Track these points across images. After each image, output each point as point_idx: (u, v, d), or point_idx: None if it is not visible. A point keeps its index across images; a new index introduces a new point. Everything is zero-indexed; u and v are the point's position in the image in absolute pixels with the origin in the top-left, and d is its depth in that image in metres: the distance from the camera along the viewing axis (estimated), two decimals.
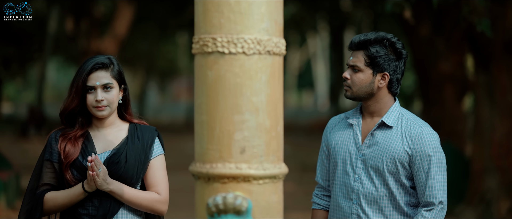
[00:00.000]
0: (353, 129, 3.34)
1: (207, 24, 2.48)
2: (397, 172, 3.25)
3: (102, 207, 3.29)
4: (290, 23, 26.72)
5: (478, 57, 9.19)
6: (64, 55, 30.76)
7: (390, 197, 3.26)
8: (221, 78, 2.47)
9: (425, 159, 3.23)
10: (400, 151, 3.24)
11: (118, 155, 3.32)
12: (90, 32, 20.67)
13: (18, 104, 40.28)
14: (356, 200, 3.28)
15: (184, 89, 47.79)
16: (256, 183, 2.48)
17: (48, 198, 3.32)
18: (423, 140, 3.24)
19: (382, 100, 3.30)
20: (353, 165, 3.30)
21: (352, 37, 3.33)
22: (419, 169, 3.24)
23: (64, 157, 3.31)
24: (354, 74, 3.26)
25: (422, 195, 3.25)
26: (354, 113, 3.38)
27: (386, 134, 3.27)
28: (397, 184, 3.26)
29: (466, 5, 7.78)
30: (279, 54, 2.54)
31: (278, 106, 2.54)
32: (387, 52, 3.25)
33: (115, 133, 3.39)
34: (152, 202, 3.35)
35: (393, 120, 3.28)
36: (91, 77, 3.30)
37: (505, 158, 8.92)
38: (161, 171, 3.40)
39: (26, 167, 13.41)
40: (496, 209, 8.83)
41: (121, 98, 3.40)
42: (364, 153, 3.28)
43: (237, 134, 2.46)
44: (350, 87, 3.27)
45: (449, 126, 11.74)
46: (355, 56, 3.26)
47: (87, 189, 3.27)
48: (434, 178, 3.23)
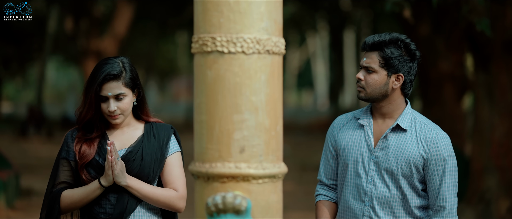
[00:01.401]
0: (364, 130, 3.32)
1: (206, 23, 2.48)
2: (411, 175, 3.25)
3: (119, 205, 3.29)
4: (289, 23, 26.72)
5: (477, 57, 9.19)
6: (63, 55, 30.77)
7: (402, 200, 3.26)
8: (220, 77, 2.47)
9: (440, 163, 3.25)
10: (416, 154, 3.24)
11: (134, 153, 3.33)
12: (90, 32, 20.67)
13: (17, 104, 40.28)
14: (368, 202, 3.27)
15: (183, 88, 47.79)
16: (255, 183, 2.48)
17: (65, 195, 3.33)
18: (439, 144, 3.25)
19: (395, 102, 3.29)
20: (366, 167, 3.28)
21: (365, 38, 3.29)
22: (434, 173, 3.25)
23: (79, 157, 3.31)
24: (368, 75, 3.24)
25: (434, 198, 3.26)
26: (364, 113, 3.36)
27: (400, 137, 3.26)
28: (410, 187, 3.26)
29: (466, 5, 7.77)
30: (278, 53, 2.53)
31: (277, 106, 2.54)
32: (401, 53, 3.24)
33: (131, 132, 3.40)
34: (169, 198, 3.35)
35: (407, 123, 3.28)
36: (103, 88, 3.29)
37: (504, 157, 8.92)
38: (178, 168, 3.40)
39: (26, 167, 13.41)
40: (495, 209, 8.83)
41: (136, 100, 3.40)
42: (377, 156, 3.27)
43: (236, 133, 2.46)
44: (364, 88, 3.24)
45: (449, 126, 11.74)
46: (369, 57, 3.24)
47: (103, 183, 3.27)
48: (447, 182, 3.26)
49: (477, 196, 9.07)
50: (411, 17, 10.89)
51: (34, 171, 13.28)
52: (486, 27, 7.02)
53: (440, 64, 11.60)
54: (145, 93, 3.49)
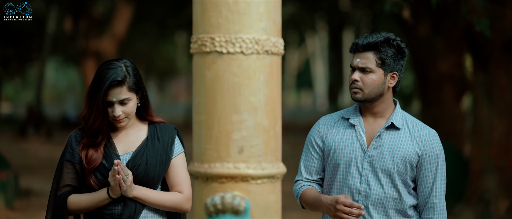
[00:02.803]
0: (355, 130, 3.31)
1: (205, 23, 2.48)
2: (405, 173, 3.26)
3: (128, 209, 3.30)
4: (288, 23, 26.71)
5: (476, 57, 9.19)
6: (63, 55, 30.77)
7: (396, 199, 3.27)
8: (219, 77, 2.47)
9: (434, 160, 3.27)
10: (411, 152, 3.25)
11: (139, 158, 3.33)
12: (89, 32, 20.67)
13: (17, 104, 40.26)
14: (362, 201, 3.27)
15: (183, 89, 47.78)
16: (254, 183, 2.47)
17: (72, 201, 3.33)
18: (432, 142, 3.28)
19: (388, 100, 3.31)
20: (359, 166, 3.28)
21: (356, 40, 3.29)
22: (427, 171, 3.27)
23: (87, 163, 3.30)
24: (365, 75, 3.24)
25: (427, 196, 3.27)
26: (353, 112, 3.35)
27: (394, 136, 3.27)
28: (404, 185, 3.28)
29: (465, 5, 7.78)
30: (277, 53, 2.53)
31: (276, 106, 2.54)
32: (394, 52, 3.26)
33: (135, 133, 3.40)
34: (176, 202, 3.37)
35: (400, 122, 3.29)
36: (108, 94, 3.27)
37: (503, 157, 8.92)
38: (183, 169, 3.41)
39: (25, 167, 13.40)
40: (494, 209, 8.83)
41: (139, 102, 3.40)
42: (371, 155, 3.27)
43: (235, 133, 2.46)
44: (362, 89, 3.24)
45: (448, 126, 11.74)
46: (364, 57, 3.24)
47: (112, 196, 3.28)
48: (440, 179, 3.28)
49: (476, 196, 9.07)
50: (410, 17, 10.90)
51: (33, 172, 13.27)
52: (485, 27, 7.02)
53: (439, 65, 11.60)
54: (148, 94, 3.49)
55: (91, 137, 3.34)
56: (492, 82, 8.94)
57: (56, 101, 46.33)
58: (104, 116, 3.29)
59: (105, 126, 3.32)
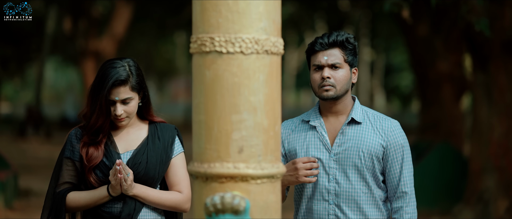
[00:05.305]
0: (317, 131, 3.33)
1: (205, 23, 2.48)
2: (372, 166, 3.28)
3: (127, 207, 3.30)
4: (288, 23, 26.72)
5: (476, 57, 9.19)
6: (62, 55, 30.77)
7: (367, 193, 3.29)
8: (219, 77, 2.46)
9: (399, 150, 3.29)
10: (376, 145, 3.27)
11: (139, 157, 3.34)
12: (88, 32, 20.67)
13: (16, 104, 40.26)
14: (332, 200, 3.28)
15: (182, 88, 47.78)
16: (254, 183, 2.47)
17: (70, 198, 3.33)
18: (395, 132, 3.30)
19: (349, 97, 3.36)
20: (326, 166, 3.29)
21: (318, 39, 3.32)
22: (393, 161, 3.29)
23: (87, 160, 3.30)
24: (335, 72, 3.27)
25: (395, 186, 3.30)
26: (312, 114, 3.38)
27: (356, 130, 3.30)
28: (373, 179, 3.30)
29: (464, 5, 7.78)
30: (277, 53, 2.53)
31: (276, 106, 2.53)
32: (352, 48, 3.31)
33: (136, 132, 3.41)
34: (175, 202, 3.39)
35: (360, 116, 3.32)
36: (111, 92, 3.27)
37: (503, 157, 8.92)
38: (182, 169, 3.43)
39: (24, 167, 13.40)
40: (494, 209, 8.84)
41: (141, 101, 3.40)
42: (336, 153, 3.29)
43: (235, 133, 2.46)
44: (334, 86, 3.26)
45: (447, 126, 11.75)
46: (331, 54, 3.27)
47: (112, 194, 3.28)
48: (407, 168, 3.31)
49: (475, 196, 9.08)
50: (410, 17, 10.89)
51: (32, 172, 13.27)
52: (485, 27, 7.03)
53: (439, 64, 11.61)
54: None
55: (92, 135, 3.34)
56: (491, 82, 8.94)
57: (55, 101, 46.34)
58: (107, 115, 3.29)
59: (107, 124, 3.32)
